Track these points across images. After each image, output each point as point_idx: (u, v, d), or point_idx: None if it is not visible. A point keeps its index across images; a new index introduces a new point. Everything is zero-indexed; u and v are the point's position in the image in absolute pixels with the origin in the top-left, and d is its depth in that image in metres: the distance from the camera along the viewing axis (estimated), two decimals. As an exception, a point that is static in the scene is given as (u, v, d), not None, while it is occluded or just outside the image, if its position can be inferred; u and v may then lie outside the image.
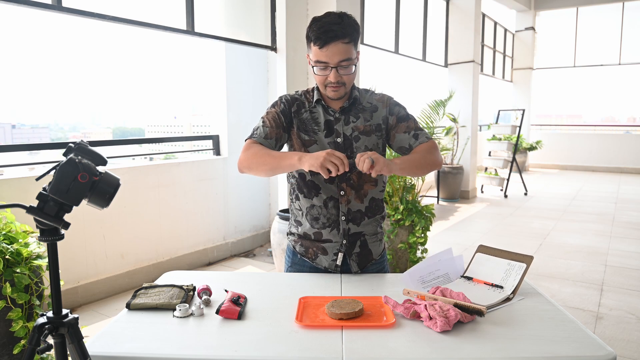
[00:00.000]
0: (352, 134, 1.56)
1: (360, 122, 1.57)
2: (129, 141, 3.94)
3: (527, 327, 1.21)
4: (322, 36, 1.41)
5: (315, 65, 1.47)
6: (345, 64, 1.45)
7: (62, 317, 1.01)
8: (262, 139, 1.54)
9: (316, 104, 1.59)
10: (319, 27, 1.42)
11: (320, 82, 1.51)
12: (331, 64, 1.44)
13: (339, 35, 1.41)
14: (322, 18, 1.45)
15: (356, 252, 1.62)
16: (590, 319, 3.04)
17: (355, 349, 1.10)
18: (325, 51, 1.43)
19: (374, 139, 1.58)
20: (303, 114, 1.59)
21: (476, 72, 7.80)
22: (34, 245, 2.15)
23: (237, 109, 4.46)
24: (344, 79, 1.48)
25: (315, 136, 1.56)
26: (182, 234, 4.00)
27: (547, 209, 6.72)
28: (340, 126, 1.57)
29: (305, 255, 1.66)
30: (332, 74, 1.45)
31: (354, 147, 1.56)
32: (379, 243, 1.68)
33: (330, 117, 1.57)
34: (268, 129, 1.55)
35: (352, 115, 1.58)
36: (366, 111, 1.59)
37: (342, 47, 1.42)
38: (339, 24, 1.42)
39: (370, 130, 1.58)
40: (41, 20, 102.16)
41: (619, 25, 11.05)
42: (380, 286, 1.51)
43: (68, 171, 0.96)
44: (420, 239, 3.73)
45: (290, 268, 1.71)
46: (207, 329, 1.21)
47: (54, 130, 33.10)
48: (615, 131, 12.40)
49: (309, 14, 4.23)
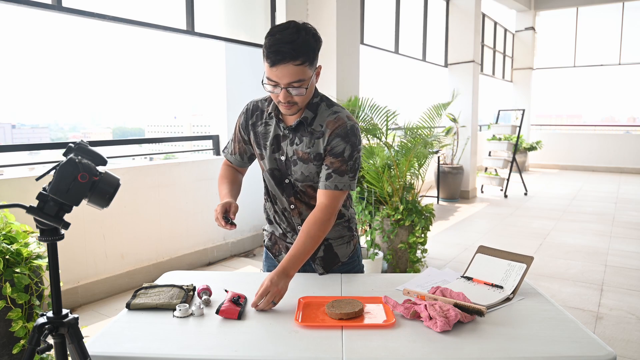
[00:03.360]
0: (292, 157, 1.50)
1: (302, 147, 1.48)
2: (129, 141, 3.94)
3: (527, 327, 1.22)
4: (271, 56, 1.31)
5: (266, 83, 1.38)
6: (296, 84, 1.35)
7: (62, 317, 1.01)
8: (229, 156, 1.68)
9: (272, 116, 1.53)
10: (271, 44, 1.31)
11: (273, 98, 1.43)
12: (281, 84, 1.34)
13: (289, 57, 1.30)
14: (277, 32, 1.33)
15: (320, 256, 1.62)
16: (590, 319, 3.04)
17: (355, 349, 1.10)
18: (274, 71, 1.32)
19: (311, 167, 1.48)
20: (259, 126, 1.55)
21: (476, 72, 7.80)
22: (34, 245, 2.15)
23: (237, 109, 4.46)
24: (296, 99, 1.38)
25: (264, 151, 1.54)
26: (182, 234, 4.00)
27: (547, 209, 6.72)
28: (286, 144, 1.50)
29: (271, 250, 1.70)
30: (282, 94, 1.36)
31: (292, 170, 1.51)
32: (346, 245, 1.65)
33: (280, 132, 1.51)
34: (233, 145, 1.66)
35: (297, 137, 1.49)
36: (312, 136, 1.47)
37: (293, 69, 1.32)
38: (292, 42, 1.30)
39: (309, 158, 1.48)
40: (41, 20, 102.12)
41: (619, 25, 11.05)
42: (380, 286, 1.51)
43: (68, 171, 0.96)
44: (420, 239, 3.73)
45: (264, 262, 1.76)
46: (207, 329, 1.21)
47: (54, 130, 33.12)
48: (615, 131, 12.40)
49: (309, 14, 4.23)
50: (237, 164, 1.67)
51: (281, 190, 1.57)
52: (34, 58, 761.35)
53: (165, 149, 4.48)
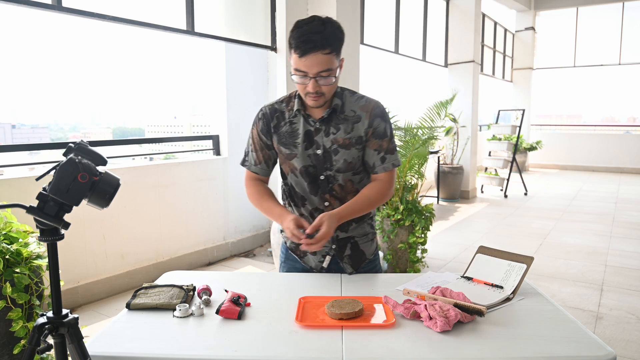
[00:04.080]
0: (331, 147, 1.52)
1: (340, 134, 1.51)
2: (129, 141, 3.94)
3: (527, 327, 1.22)
4: (301, 45, 1.36)
5: (294, 74, 1.42)
6: (324, 74, 1.39)
7: (62, 317, 1.02)
8: (253, 167, 1.62)
9: (297, 114, 1.54)
10: (300, 35, 1.37)
11: (300, 90, 1.47)
12: (310, 74, 1.39)
13: (319, 46, 1.35)
14: (304, 24, 1.39)
15: (347, 254, 1.62)
16: (590, 319, 3.04)
17: (355, 349, 1.10)
18: (304, 61, 1.37)
19: (353, 152, 1.53)
20: (282, 127, 1.55)
21: (476, 72, 7.80)
22: (34, 245, 2.15)
23: (237, 109, 4.46)
24: (323, 89, 1.43)
25: (295, 149, 1.54)
26: (182, 234, 4.00)
27: (547, 209, 6.72)
28: (321, 137, 1.52)
29: (295, 252, 1.67)
30: (311, 84, 1.40)
31: (333, 160, 1.52)
32: (371, 243, 1.68)
33: (310, 127, 1.53)
34: (255, 155, 1.61)
35: (332, 126, 1.52)
36: (347, 122, 1.52)
37: (322, 58, 1.37)
38: (321, 32, 1.36)
39: (350, 143, 1.52)
40: (41, 20, 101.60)
41: (619, 25, 11.05)
42: (380, 286, 1.51)
43: (68, 171, 0.96)
44: (420, 239, 3.73)
45: (283, 264, 1.72)
46: (207, 329, 1.21)
47: (54, 130, 33.08)
48: (615, 131, 12.40)
49: (309, 14, 4.22)
50: (262, 174, 1.63)
51: (314, 188, 1.56)
52: (34, 58, 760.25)
53: (165, 149, 4.48)
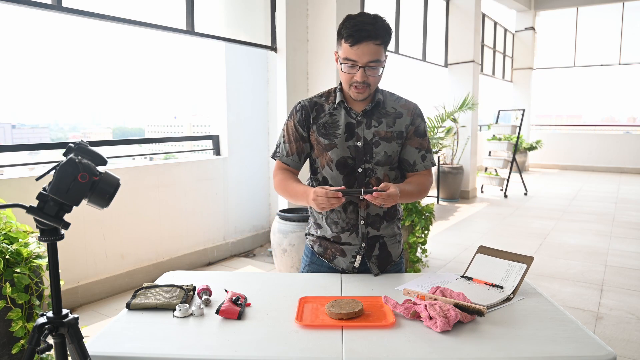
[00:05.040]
0: (372, 139, 1.55)
1: (382, 127, 1.56)
2: (129, 141, 3.94)
3: (527, 327, 1.22)
4: (354, 34, 1.41)
5: (343, 63, 1.47)
6: (373, 64, 1.45)
7: (62, 317, 1.01)
8: (284, 158, 1.63)
9: (338, 106, 1.58)
10: (353, 24, 1.42)
11: (346, 80, 1.50)
12: (360, 63, 1.44)
13: (372, 36, 1.42)
14: (356, 17, 1.45)
15: (375, 254, 1.62)
16: (590, 319, 3.04)
17: (355, 349, 1.10)
18: (355, 50, 1.43)
19: (394, 145, 1.57)
20: (322, 117, 1.58)
21: (476, 72, 7.80)
22: (34, 245, 2.15)
23: (237, 109, 4.46)
24: (370, 80, 1.47)
25: (335, 140, 1.56)
26: (182, 234, 4.00)
27: (547, 209, 6.72)
28: (362, 130, 1.56)
29: (323, 256, 1.66)
30: (359, 74, 1.45)
31: (373, 152, 1.56)
32: (398, 245, 1.69)
33: (351, 119, 1.56)
34: (288, 146, 1.62)
35: (374, 119, 1.56)
36: (389, 116, 1.58)
37: (373, 48, 1.43)
38: (373, 24, 1.43)
39: (392, 137, 1.57)
40: (41, 20, 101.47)
41: (619, 25, 11.05)
42: (380, 286, 1.51)
43: (68, 171, 0.96)
44: (420, 239, 3.73)
45: (307, 267, 1.70)
46: (207, 329, 1.21)
47: (54, 130, 33.07)
48: (615, 131, 12.40)
49: (309, 14, 4.23)
50: (294, 166, 1.64)
51: (350, 181, 1.57)
52: (34, 58, 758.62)
53: (165, 149, 4.48)
